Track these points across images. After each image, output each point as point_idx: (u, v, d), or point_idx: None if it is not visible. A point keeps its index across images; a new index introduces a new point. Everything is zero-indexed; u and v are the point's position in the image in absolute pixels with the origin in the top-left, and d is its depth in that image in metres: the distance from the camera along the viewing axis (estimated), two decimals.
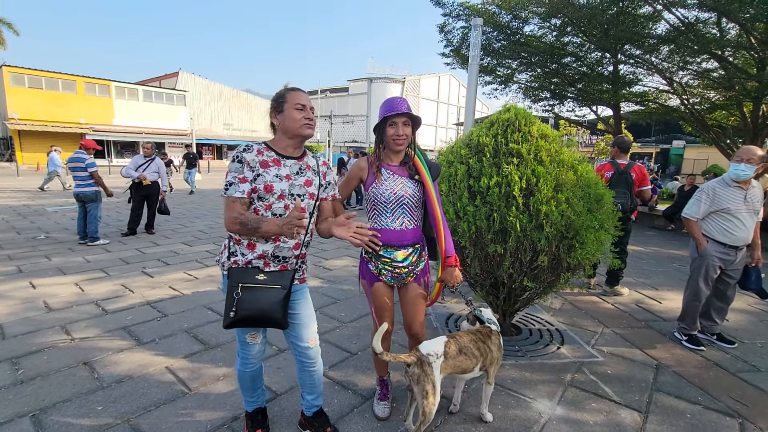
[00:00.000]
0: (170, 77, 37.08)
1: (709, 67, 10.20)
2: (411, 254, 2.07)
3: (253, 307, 1.68)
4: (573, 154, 2.95)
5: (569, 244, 2.74)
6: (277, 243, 1.75)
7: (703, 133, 11.89)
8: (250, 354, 1.90)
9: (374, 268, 2.07)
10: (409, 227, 2.04)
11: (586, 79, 12.03)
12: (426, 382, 1.82)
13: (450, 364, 1.94)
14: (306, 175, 1.82)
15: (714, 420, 2.34)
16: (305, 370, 1.97)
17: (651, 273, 5.44)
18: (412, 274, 2.08)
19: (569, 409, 2.39)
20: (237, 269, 1.73)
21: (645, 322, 3.77)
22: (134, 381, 2.53)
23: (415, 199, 2.04)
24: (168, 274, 4.77)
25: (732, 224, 3.02)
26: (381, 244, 2.01)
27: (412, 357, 1.86)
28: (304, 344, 1.90)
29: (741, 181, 3.00)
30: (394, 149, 2.02)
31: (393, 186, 2.01)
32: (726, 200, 3.01)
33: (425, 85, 49.44)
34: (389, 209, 2.02)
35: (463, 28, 12.02)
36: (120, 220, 8.20)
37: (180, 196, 12.95)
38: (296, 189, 1.77)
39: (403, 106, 1.94)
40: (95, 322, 3.36)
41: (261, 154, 1.74)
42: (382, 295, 2.10)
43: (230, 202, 1.67)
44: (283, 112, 1.75)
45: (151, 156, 6.91)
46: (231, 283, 1.69)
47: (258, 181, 1.70)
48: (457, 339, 2.02)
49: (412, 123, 1.99)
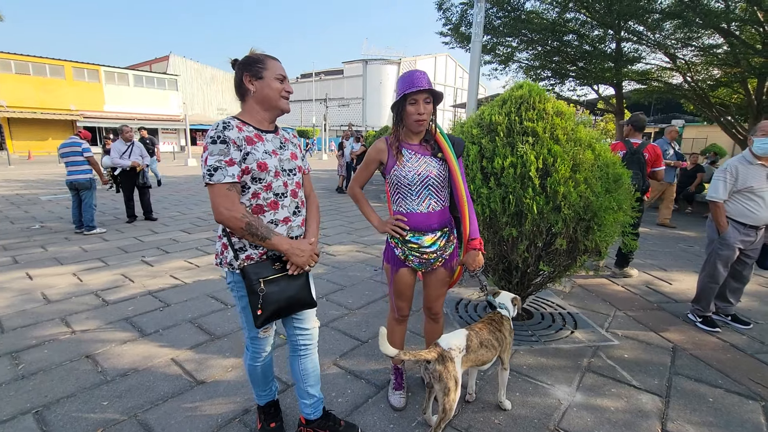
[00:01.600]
0: (160, 61, 36.19)
1: (714, 43, 9.99)
2: (439, 238, 1.96)
3: (281, 297, 1.58)
4: (590, 132, 2.82)
5: (587, 226, 2.65)
6: (288, 224, 1.64)
7: (706, 112, 11.72)
8: (261, 348, 1.80)
9: (401, 253, 1.97)
10: (437, 209, 1.93)
11: (588, 57, 11.77)
12: (448, 379, 1.72)
13: (471, 358, 1.86)
14: (289, 148, 1.69)
15: (736, 403, 2.29)
16: (307, 355, 1.82)
17: (658, 254, 5.39)
18: (440, 259, 1.98)
19: (589, 395, 2.34)
20: (251, 265, 1.58)
21: (657, 304, 3.72)
22: (139, 374, 2.45)
23: (441, 178, 1.92)
24: (168, 262, 4.66)
25: (755, 204, 2.93)
26: (408, 228, 1.91)
27: (432, 353, 1.76)
28: (309, 326, 1.81)
29: (765, 157, 2.89)
30: (415, 129, 1.88)
31: (416, 166, 1.88)
32: (749, 178, 2.90)
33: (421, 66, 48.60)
34: (414, 191, 1.90)
35: (462, 5, 11.67)
36: (116, 208, 8.04)
37: (174, 183, 12.73)
38: (286, 164, 1.64)
39: (423, 81, 1.78)
40: (96, 314, 3.26)
41: (241, 131, 1.54)
42: (405, 283, 2.01)
43: (224, 191, 1.48)
44: (263, 80, 1.56)
45: (132, 140, 6.68)
46: (251, 282, 1.54)
47: (249, 160, 1.52)
48: (478, 331, 1.94)
49: (433, 99, 1.84)
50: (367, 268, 4.53)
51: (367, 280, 4.18)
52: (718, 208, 3.05)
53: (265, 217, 1.60)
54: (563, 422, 2.10)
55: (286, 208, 1.64)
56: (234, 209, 1.50)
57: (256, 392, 1.95)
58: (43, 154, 25.80)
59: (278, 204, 1.61)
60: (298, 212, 1.69)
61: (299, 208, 1.70)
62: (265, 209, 1.59)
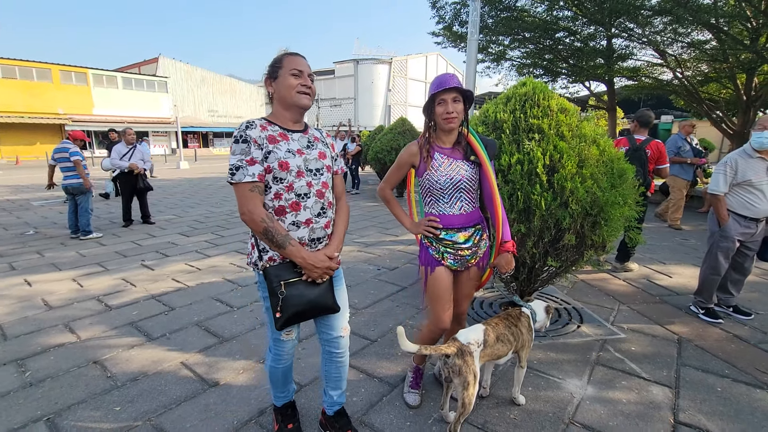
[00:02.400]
0: (149, 63, 35.79)
1: (703, 39, 10.15)
2: (473, 235, 1.95)
3: (301, 300, 1.56)
4: (595, 128, 2.85)
5: (593, 221, 2.67)
6: (310, 225, 1.61)
7: (695, 107, 11.92)
8: (283, 350, 1.78)
9: (436, 252, 1.95)
10: (468, 210, 1.94)
11: (579, 54, 11.90)
12: (468, 373, 1.74)
13: (488, 352, 1.88)
14: (317, 148, 1.66)
15: (744, 392, 2.33)
16: (333, 361, 1.85)
17: (656, 248, 5.46)
18: (475, 256, 1.98)
19: (600, 388, 2.36)
20: (273, 267, 1.57)
21: (659, 297, 3.77)
22: (150, 378, 2.42)
23: (473, 181, 1.91)
24: (169, 265, 4.62)
25: (754, 197, 2.98)
26: (442, 226, 1.92)
27: (452, 347, 1.77)
28: (336, 334, 1.79)
29: (764, 150, 2.94)
30: (445, 129, 1.87)
31: (448, 171, 1.87)
32: (749, 172, 2.96)
33: (412, 66, 48.71)
34: (446, 195, 1.90)
35: (456, 4, 11.73)
36: (111, 212, 7.94)
37: (167, 186, 12.62)
38: (312, 164, 1.61)
39: (453, 81, 1.80)
40: (100, 319, 3.22)
41: (265, 129, 1.55)
42: (443, 283, 1.97)
43: (246, 191, 1.50)
44: (278, 79, 1.57)
45: (134, 143, 6.61)
46: (271, 284, 1.55)
47: (270, 158, 1.52)
48: (494, 326, 1.95)
49: (464, 99, 1.84)
50: (370, 268, 4.53)
51: (371, 279, 4.18)
52: (719, 201, 3.10)
53: (287, 219, 1.58)
54: (577, 415, 2.12)
55: (308, 210, 1.60)
56: (255, 212, 1.50)
57: (274, 393, 1.94)
58: (31, 158, 25.40)
59: (300, 205, 1.58)
60: (323, 213, 1.65)
61: (325, 209, 1.65)
62: (286, 210, 1.57)
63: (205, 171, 18.86)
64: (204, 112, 38.18)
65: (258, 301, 3.57)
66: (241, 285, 3.98)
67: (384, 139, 10.41)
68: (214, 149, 38.47)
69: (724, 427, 2.05)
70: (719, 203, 3.09)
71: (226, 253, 5.12)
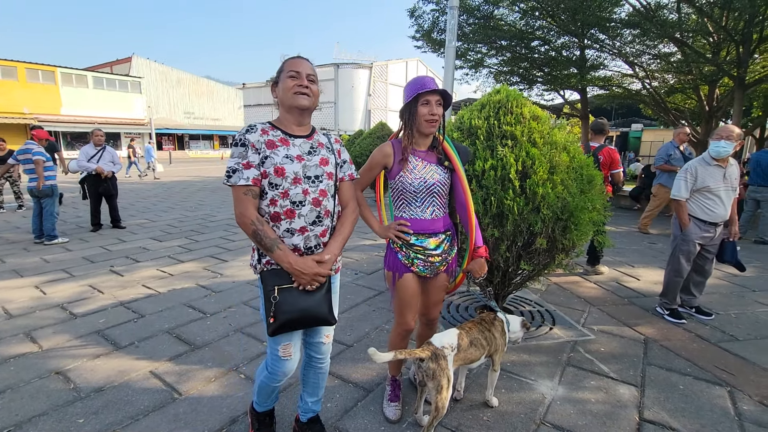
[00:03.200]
0: (122, 63, 34.74)
1: (669, 51, 10.64)
2: (443, 242, 1.95)
3: (294, 308, 1.53)
4: (566, 135, 2.94)
5: (564, 226, 2.75)
6: (305, 233, 1.58)
7: (662, 116, 12.45)
8: (279, 370, 1.69)
9: (405, 258, 1.92)
10: (440, 215, 1.93)
11: (553, 63, 12.26)
12: (441, 377, 1.76)
13: (461, 356, 1.90)
14: (320, 154, 1.63)
15: (704, 389, 2.44)
16: (312, 366, 1.83)
17: (626, 251, 5.66)
18: (444, 263, 1.97)
19: (570, 388, 2.42)
20: (270, 272, 1.57)
21: (627, 299, 3.90)
22: (116, 389, 2.34)
23: (445, 186, 1.91)
24: (139, 271, 4.47)
25: (712, 202, 3.14)
26: (412, 232, 1.90)
27: (426, 351, 1.79)
28: (317, 339, 1.78)
29: (721, 159, 3.10)
30: (425, 131, 1.84)
31: (422, 174, 1.86)
32: (707, 178, 3.11)
33: (393, 71, 48.99)
34: (419, 198, 1.88)
35: (434, 12, 11.89)
36: (78, 216, 7.65)
37: (140, 190, 12.26)
38: (311, 170, 1.59)
39: (434, 84, 1.80)
40: (64, 328, 3.09)
41: (266, 134, 1.55)
42: (410, 289, 1.94)
43: (239, 194, 1.51)
44: (279, 83, 1.59)
45: (103, 145, 6.40)
46: (266, 288, 1.55)
47: (267, 164, 1.51)
48: (468, 331, 1.98)
49: (443, 103, 1.84)
50: (348, 272, 4.51)
51: (348, 284, 4.16)
52: (681, 206, 3.25)
53: (281, 226, 1.56)
54: (548, 416, 2.17)
55: (303, 218, 1.57)
56: (246, 214, 1.50)
57: (256, 399, 1.90)
58: None
59: (294, 213, 1.55)
60: (319, 222, 1.61)
61: (321, 218, 1.61)
62: (281, 217, 1.55)
63: (181, 174, 18.41)
64: (180, 114, 37.29)
65: (232, 307, 3.50)
66: (215, 291, 3.89)
67: (364, 144, 10.44)
68: (191, 152, 37.59)
69: (685, 423, 2.13)
70: (681, 208, 3.24)
71: (200, 259, 5.00)
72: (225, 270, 4.53)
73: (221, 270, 4.54)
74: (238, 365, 2.60)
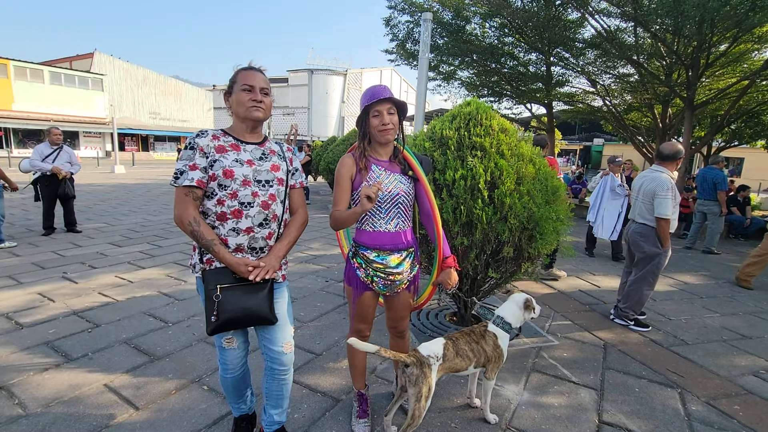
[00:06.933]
0: (83, 58, 33.08)
1: (627, 72, 11.32)
2: (405, 259, 1.89)
3: (236, 307, 1.56)
4: (532, 148, 3.05)
5: (530, 235, 2.84)
6: (251, 234, 1.61)
7: (621, 132, 13.18)
8: (227, 360, 1.75)
9: (364, 275, 1.87)
10: (405, 228, 1.90)
11: (521, 78, 12.75)
12: (423, 384, 1.77)
13: (446, 366, 1.91)
14: (271, 160, 1.69)
15: (657, 392, 2.57)
16: (275, 378, 1.79)
17: (587, 260, 5.91)
18: (405, 281, 1.92)
19: (535, 393, 2.49)
20: (212, 271, 1.59)
21: (588, 306, 4.07)
22: (65, 404, 2.19)
23: (410, 196, 1.90)
24: (95, 278, 4.24)
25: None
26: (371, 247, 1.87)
27: (411, 357, 1.80)
28: (277, 348, 1.74)
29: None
30: (381, 141, 1.83)
31: (387, 184, 1.84)
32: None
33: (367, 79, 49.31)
34: (383, 209, 1.84)
35: (408, 23, 12.11)
36: (28, 219, 7.17)
37: (99, 192, 11.66)
38: (262, 175, 1.64)
39: (386, 92, 1.79)
40: (8, 339, 2.87)
41: (217, 139, 1.61)
42: (368, 307, 1.94)
43: (181, 195, 1.54)
44: (233, 94, 1.64)
45: (60, 144, 6.07)
46: (208, 287, 1.56)
47: (216, 167, 1.56)
48: (455, 341, 1.99)
49: (398, 111, 1.83)
50: (318, 280, 4.46)
51: (319, 291, 4.11)
52: (669, 224, 3.31)
53: (227, 225, 1.59)
54: (514, 420, 2.22)
55: (250, 219, 1.61)
56: (184, 214, 1.53)
57: (229, 403, 1.92)
58: None
59: (242, 213, 1.59)
60: (266, 224, 1.65)
61: (268, 221, 1.65)
62: (227, 217, 1.59)
63: (144, 176, 17.66)
64: (145, 114, 35.85)
65: (196, 316, 3.37)
66: (178, 299, 3.74)
67: (337, 150, 10.42)
68: (155, 153, 36.16)
69: (640, 424, 2.24)
70: (668, 226, 3.31)
71: (162, 265, 4.80)
72: (190, 277, 4.37)
73: (185, 277, 4.37)
74: (201, 376, 2.51)
